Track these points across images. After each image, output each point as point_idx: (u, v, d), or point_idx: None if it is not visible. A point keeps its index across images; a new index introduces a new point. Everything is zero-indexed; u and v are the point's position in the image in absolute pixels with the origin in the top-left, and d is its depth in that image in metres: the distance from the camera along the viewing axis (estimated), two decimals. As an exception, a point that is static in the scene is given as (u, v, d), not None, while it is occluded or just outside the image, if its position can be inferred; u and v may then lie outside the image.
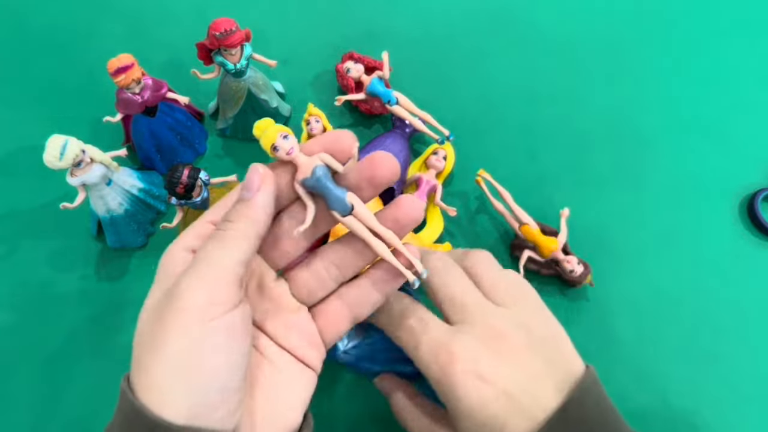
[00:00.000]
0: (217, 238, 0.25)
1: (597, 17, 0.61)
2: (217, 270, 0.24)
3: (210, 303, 0.23)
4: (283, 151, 0.26)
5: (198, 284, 0.24)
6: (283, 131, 0.27)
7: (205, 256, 0.25)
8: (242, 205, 0.26)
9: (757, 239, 0.49)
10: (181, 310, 0.23)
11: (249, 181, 0.26)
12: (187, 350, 0.23)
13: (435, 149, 0.49)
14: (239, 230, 0.25)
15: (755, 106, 0.56)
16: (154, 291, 0.26)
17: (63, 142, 0.40)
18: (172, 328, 0.23)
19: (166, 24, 0.60)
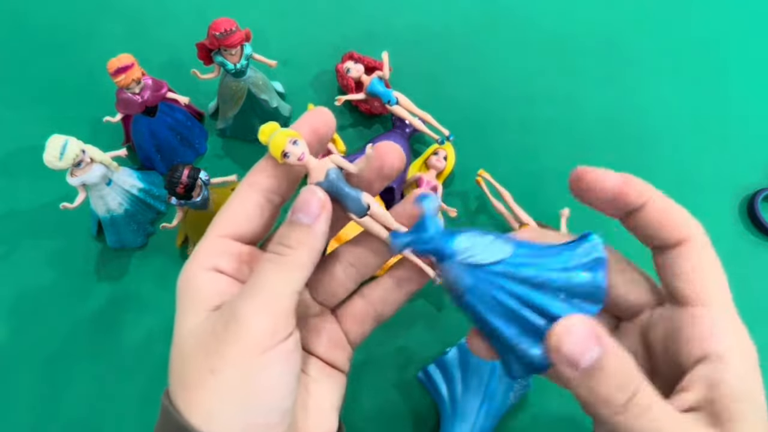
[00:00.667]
0: (276, 264, 0.24)
1: (597, 18, 0.61)
2: (278, 299, 0.23)
3: (270, 333, 0.23)
4: (294, 157, 0.25)
5: (260, 313, 0.23)
6: (292, 136, 0.25)
7: (264, 284, 0.24)
8: (302, 232, 0.24)
9: (758, 239, 0.49)
10: (242, 337, 0.22)
11: (307, 206, 0.25)
12: (244, 377, 0.22)
13: (435, 149, 0.49)
14: (299, 258, 0.24)
15: (755, 106, 0.56)
16: (186, 314, 0.25)
17: (63, 142, 0.40)
18: (232, 355, 0.22)
19: (166, 24, 0.60)
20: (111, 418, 0.43)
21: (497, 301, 0.22)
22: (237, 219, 0.26)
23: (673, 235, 0.25)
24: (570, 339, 0.20)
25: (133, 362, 0.44)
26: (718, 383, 0.22)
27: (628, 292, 0.27)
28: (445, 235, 0.23)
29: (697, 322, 0.23)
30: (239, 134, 0.53)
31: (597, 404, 0.20)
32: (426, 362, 0.43)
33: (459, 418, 0.40)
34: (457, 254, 0.23)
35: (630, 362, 0.21)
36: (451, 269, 0.23)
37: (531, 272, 0.22)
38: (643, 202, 0.26)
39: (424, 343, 0.45)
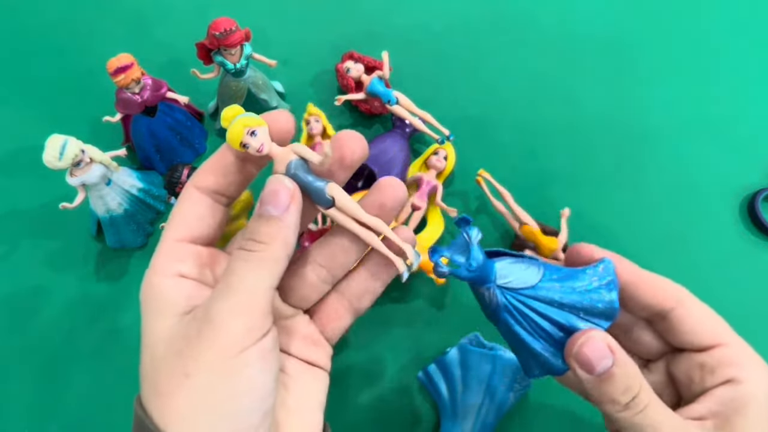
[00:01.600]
0: (248, 261, 0.23)
1: (597, 18, 0.61)
2: (252, 297, 0.23)
3: (246, 332, 0.22)
4: (253, 149, 0.24)
5: (235, 312, 0.22)
6: (250, 126, 0.24)
7: (237, 282, 0.23)
8: (272, 225, 0.24)
9: (758, 239, 0.49)
10: (216, 339, 0.22)
11: (274, 197, 0.24)
12: (221, 379, 0.22)
13: (435, 149, 0.49)
14: (272, 253, 0.23)
15: (756, 106, 0.56)
16: (154, 320, 0.24)
17: (62, 142, 0.40)
18: (206, 358, 0.22)
19: (166, 24, 0.59)
20: (111, 418, 0.43)
21: (527, 319, 0.26)
22: (189, 221, 0.26)
23: (667, 304, 0.28)
24: (588, 347, 0.24)
25: (133, 362, 0.44)
26: (728, 400, 0.25)
27: (652, 341, 0.30)
28: (487, 263, 0.26)
29: (717, 357, 0.27)
30: (239, 134, 0.53)
31: (604, 403, 0.25)
32: (426, 362, 0.43)
33: (459, 418, 0.40)
34: (496, 280, 0.26)
35: (635, 370, 0.25)
36: (490, 292, 0.26)
37: (557, 295, 0.26)
38: (630, 281, 0.28)
39: (424, 343, 0.45)
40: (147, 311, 0.24)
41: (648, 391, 0.25)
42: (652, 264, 0.48)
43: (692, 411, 0.26)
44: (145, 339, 0.24)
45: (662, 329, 0.29)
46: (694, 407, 0.26)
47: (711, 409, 0.26)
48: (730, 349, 0.27)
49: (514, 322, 0.26)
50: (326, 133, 0.50)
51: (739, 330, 0.45)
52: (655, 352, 0.30)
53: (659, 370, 0.30)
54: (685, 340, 0.28)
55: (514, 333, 0.26)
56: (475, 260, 0.25)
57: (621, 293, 0.27)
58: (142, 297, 0.25)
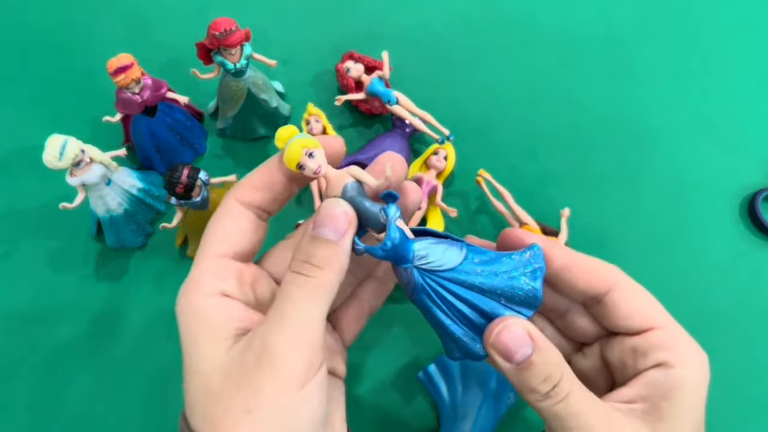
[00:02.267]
0: (303, 289, 0.23)
1: (597, 17, 0.61)
2: (311, 329, 0.22)
3: (308, 367, 0.22)
4: (309, 171, 0.24)
5: (295, 346, 0.22)
6: (308, 147, 0.24)
7: (294, 312, 0.22)
8: (329, 250, 0.23)
9: (758, 239, 0.49)
10: (278, 374, 0.21)
11: (332, 220, 0.23)
12: (284, 416, 0.21)
13: (435, 149, 0.49)
14: (327, 280, 0.23)
15: (756, 106, 0.56)
16: (201, 346, 0.23)
17: (62, 142, 0.40)
18: (268, 393, 0.21)
19: (166, 24, 0.59)
20: (111, 418, 0.43)
21: (446, 302, 0.25)
22: (234, 237, 0.25)
23: (602, 288, 0.26)
24: (506, 335, 0.23)
25: (133, 362, 0.44)
26: (658, 384, 0.25)
27: (587, 325, 0.29)
28: (403, 243, 0.24)
29: (650, 341, 0.26)
30: (239, 134, 0.53)
31: (524, 392, 0.24)
32: (426, 362, 0.43)
33: (459, 418, 0.40)
34: (414, 260, 0.25)
35: (556, 358, 0.24)
36: (407, 272, 0.25)
37: (477, 279, 0.25)
38: (563, 265, 0.27)
39: (424, 343, 0.45)
40: (192, 333, 0.23)
41: (570, 379, 0.24)
42: (652, 263, 0.48)
43: (621, 394, 0.25)
44: (195, 365, 0.23)
45: (597, 313, 0.27)
46: (623, 391, 0.25)
47: (640, 392, 0.25)
48: (663, 333, 0.26)
49: (432, 305, 0.25)
50: (326, 133, 0.50)
51: (740, 330, 0.45)
52: (591, 336, 0.29)
53: (594, 354, 0.29)
54: (619, 324, 0.27)
55: (433, 315, 0.25)
56: (390, 239, 0.24)
57: (555, 279, 0.26)
58: (183, 317, 0.24)
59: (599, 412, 0.24)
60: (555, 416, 0.23)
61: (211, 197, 0.43)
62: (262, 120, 0.52)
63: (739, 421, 0.42)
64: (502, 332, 0.23)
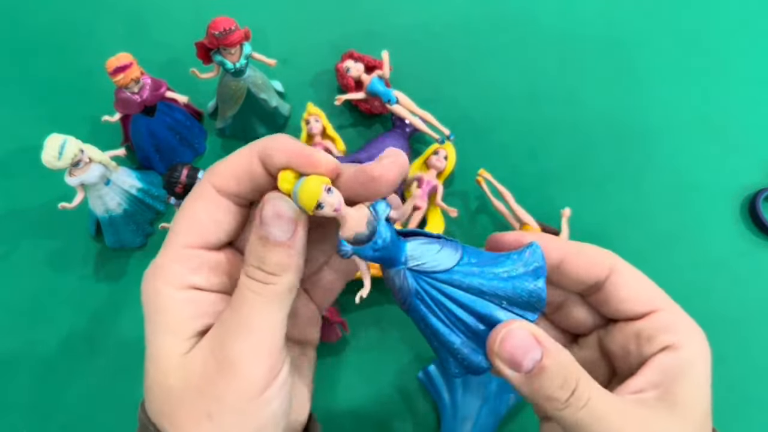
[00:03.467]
0: (261, 296, 0.22)
1: (597, 17, 0.61)
2: (271, 335, 0.22)
3: (268, 372, 0.21)
4: (330, 209, 0.21)
5: (255, 356, 0.21)
6: (326, 183, 0.21)
7: (252, 319, 0.21)
8: (281, 254, 0.22)
9: (759, 239, 0.49)
10: (239, 382, 0.21)
11: (279, 220, 0.21)
12: (244, 420, 0.21)
13: (435, 149, 0.49)
14: (284, 285, 0.22)
15: (756, 106, 0.55)
16: (164, 341, 0.22)
17: (61, 142, 0.39)
18: (229, 400, 0.21)
19: (165, 23, 0.59)
20: (110, 418, 0.43)
21: (442, 308, 0.23)
22: (204, 225, 0.23)
23: (602, 274, 0.25)
24: (511, 342, 0.21)
25: (133, 362, 0.44)
26: (668, 368, 0.23)
27: (584, 315, 0.27)
28: (395, 242, 0.23)
29: (654, 324, 0.24)
30: (238, 134, 0.53)
31: (541, 401, 0.21)
32: (426, 362, 0.43)
33: (459, 418, 0.40)
34: (407, 262, 0.23)
35: (569, 359, 0.22)
36: (399, 276, 0.23)
37: (476, 281, 0.23)
38: (559, 259, 0.25)
39: (424, 344, 0.44)
40: (154, 325, 0.22)
41: (588, 381, 0.22)
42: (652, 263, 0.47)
43: (631, 386, 0.24)
44: (155, 360, 0.22)
45: (597, 301, 0.26)
46: (632, 382, 0.24)
47: (650, 379, 0.24)
48: (666, 315, 0.25)
49: (427, 312, 0.23)
50: (326, 133, 0.50)
51: (740, 330, 0.45)
52: (588, 326, 0.27)
53: (591, 346, 0.27)
54: (620, 309, 0.25)
55: (429, 324, 0.23)
56: (380, 238, 0.22)
57: (554, 272, 0.25)
58: (148, 306, 0.22)
59: (623, 411, 0.22)
60: (579, 423, 0.21)
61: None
62: (261, 119, 0.52)
63: (740, 421, 0.42)
64: (506, 339, 0.22)
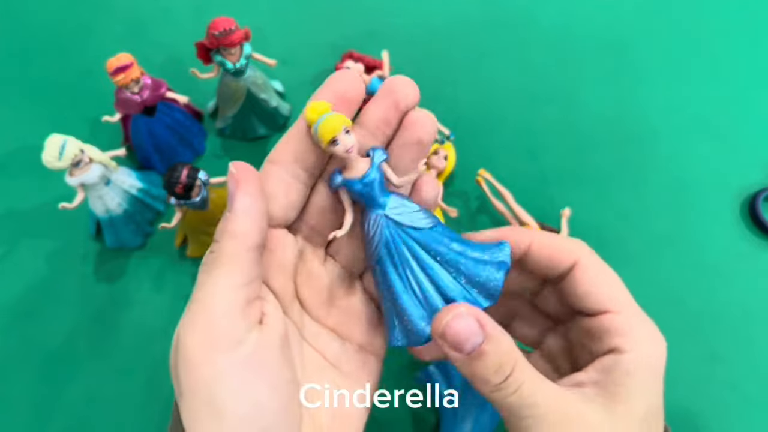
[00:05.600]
0: (205, 266, 0.22)
1: (597, 17, 0.61)
2: (209, 305, 0.21)
3: (208, 347, 0.21)
4: (343, 148, 0.23)
5: (191, 327, 0.21)
6: (347, 124, 0.23)
7: (196, 295, 0.22)
8: (224, 220, 0.22)
9: (759, 239, 0.49)
10: (183, 359, 0.21)
11: (228, 189, 0.23)
12: (205, 402, 0.20)
13: (435, 149, 0.49)
14: (225, 251, 0.22)
15: (756, 106, 0.55)
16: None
17: (62, 142, 0.39)
18: (184, 381, 0.21)
19: (165, 23, 0.59)
20: (110, 418, 0.43)
21: (406, 267, 0.24)
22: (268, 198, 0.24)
23: (564, 263, 0.26)
24: (456, 324, 0.22)
25: (132, 362, 0.44)
26: (609, 369, 0.24)
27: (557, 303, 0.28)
28: (381, 186, 0.24)
29: (605, 324, 0.25)
30: (238, 134, 0.53)
31: (476, 383, 0.23)
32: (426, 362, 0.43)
33: (459, 419, 0.40)
34: (386, 207, 0.24)
35: (509, 346, 0.23)
36: (376, 221, 0.24)
37: (443, 249, 0.24)
38: (527, 246, 0.26)
39: (424, 344, 0.45)
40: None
41: (523, 367, 0.23)
42: (652, 263, 0.48)
43: (576, 379, 0.25)
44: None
45: (561, 292, 0.27)
46: (578, 375, 0.25)
47: (592, 377, 0.24)
48: (616, 318, 0.25)
49: (391, 266, 0.24)
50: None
51: (741, 331, 0.45)
52: (561, 315, 0.28)
53: (562, 334, 0.28)
54: (578, 304, 0.26)
55: (388, 280, 0.24)
56: (368, 176, 0.24)
57: (521, 257, 0.26)
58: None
59: (554, 399, 0.23)
60: (509, 407, 0.22)
61: (210, 197, 0.43)
62: (261, 120, 0.52)
63: (741, 421, 0.42)
64: (451, 322, 0.22)
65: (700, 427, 0.42)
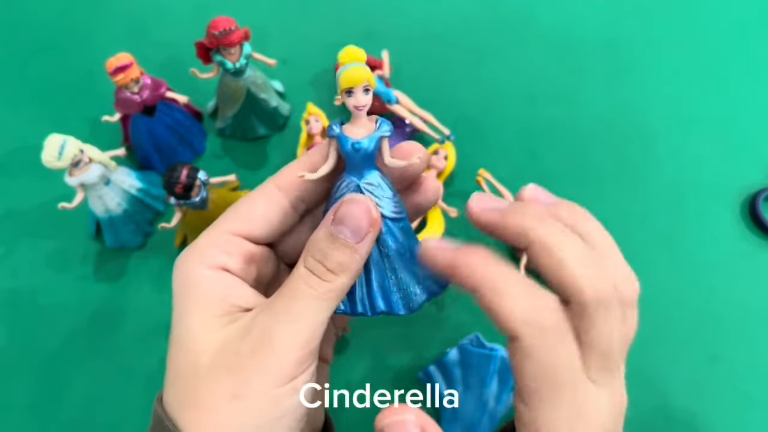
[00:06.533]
0: (316, 290, 0.22)
1: (597, 17, 0.61)
2: (315, 330, 0.22)
3: (301, 363, 0.22)
4: (354, 102, 0.23)
5: (295, 343, 0.21)
6: (370, 81, 0.23)
7: (302, 311, 0.22)
8: (347, 255, 0.22)
9: (759, 239, 0.49)
10: (271, 365, 0.21)
11: (355, 221, 0.22)
12: (269, 405, 0.21)
13: (436, 149, 0.49)
14: (340, 284, 0.22)
15: (756, 106, 0.55)
16: (192, 319, 0.23)
17: (61, 142, 0.39)
18: (258, 382, 0.21)
19: (165, 23, 0.59)
20: (110, 418, 0.43)
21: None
22: (255, 219, 0.24)
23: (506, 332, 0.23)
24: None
25: (132, 362, 0.44)
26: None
27: None
28: (370, 157, 0.24)
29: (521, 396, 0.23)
30: (238, 134, 0.53)
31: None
32: (426, 362, 0.43)
33: (459, 418, 0.40)
34: (363, 179, 0.24)
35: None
36: (349, 184, 0.24)
37: (392, 244, 0.24)
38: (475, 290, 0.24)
39: (424, 343, 0.45)
40: (186, 304, 0.23)
41: None
42: (652, 264, 0.48)
43: None
44: (184, 341, 0.23)
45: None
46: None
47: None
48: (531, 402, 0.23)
49: None
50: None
51: (741, 330, 0.45)
52: None
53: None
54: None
55: None
56: (362, 142, 0.23)
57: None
58: (179, 286, 0.23)
59: None
60: None
61: (210, 197, 0.43)
62: (261, 119, 0.52)
63: (741, 421, 0.42)
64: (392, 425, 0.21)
65: (700, 427, 0.42)
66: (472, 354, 0.41)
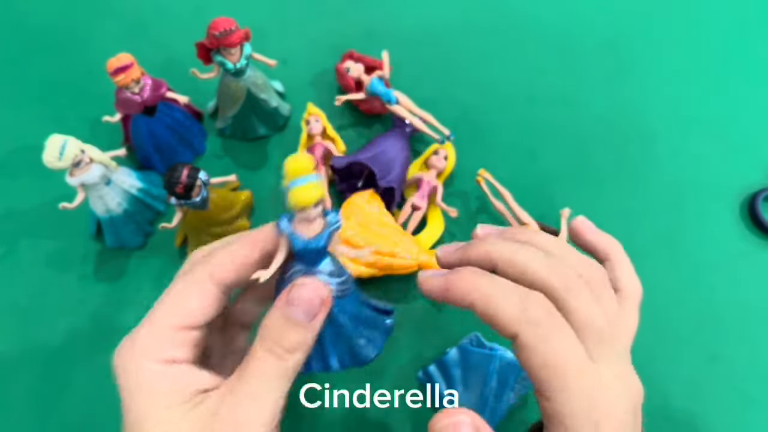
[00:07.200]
0: (276, 369, 0.24)
1: (597, 17, 0.61)
2: (276, 406, 0.23)
3: None
4: (305, 216, 0.24)
5: (260, 422, 0.23)
6: (321, 197, 0.24)
7: (267, 390, 0.23)
8: (301, 334, 0.24)
9: (759, 239, 0.49)
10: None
11: (306, 304, 0.24)
12: None
13: (435, 149, 0.49)
14: (297, 360, 0.24)
15: (756, 106, 0.55)
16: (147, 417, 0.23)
17: (62, 142, 0.40)
18: None
19: (165, 23, 0.59)
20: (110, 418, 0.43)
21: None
22: (192, 312, 0.25)
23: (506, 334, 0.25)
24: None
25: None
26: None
27: None
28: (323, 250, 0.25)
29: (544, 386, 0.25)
30: (238, 134, 0.53)
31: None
32: (426, 362, 0.43)
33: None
34: (320, 266, 0.25)
35: None
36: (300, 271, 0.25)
37: (341, 319, 0.26)
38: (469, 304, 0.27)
39: (424, 343, 0.45)
40: (141, 402, 0.24)
41: None
42: (652, 264, 0.48)
43: None
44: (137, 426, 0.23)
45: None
46: None
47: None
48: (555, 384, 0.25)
49: None
50: (326, 133, 0.50)
51: (740, 331, 0.45)
52: None
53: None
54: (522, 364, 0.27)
55: None
56: (314, 243, 0.24)
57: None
58: (129, 382, 0.24)
59: None
60: None
61: (211, 197, 0.43)
62: (261, 120, 0.52)
63: (741, 421, 0.42)
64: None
65: (700, 427, 0.42)
66: (472, 354, 0.41)
